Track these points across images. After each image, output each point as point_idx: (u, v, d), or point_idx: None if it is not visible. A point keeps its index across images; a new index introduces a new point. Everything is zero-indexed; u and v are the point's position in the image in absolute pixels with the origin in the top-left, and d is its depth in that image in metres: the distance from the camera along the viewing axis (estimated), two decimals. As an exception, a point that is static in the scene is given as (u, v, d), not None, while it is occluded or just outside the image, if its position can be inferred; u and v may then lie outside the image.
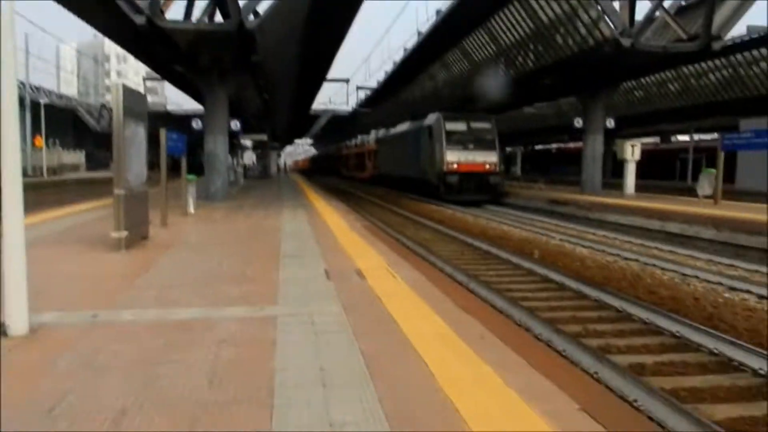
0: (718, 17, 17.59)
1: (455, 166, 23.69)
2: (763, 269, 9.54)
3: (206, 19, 14.71)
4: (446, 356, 3.64)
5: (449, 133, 24.18)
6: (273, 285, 5.62)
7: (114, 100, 7.37)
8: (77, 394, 2.99)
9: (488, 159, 24.18)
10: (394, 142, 34.39)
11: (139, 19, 13.35)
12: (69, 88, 78.24)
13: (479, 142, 24.39)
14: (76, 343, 3.81)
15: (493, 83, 27.64)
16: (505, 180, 25.14)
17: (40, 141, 40.44)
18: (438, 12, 26.48)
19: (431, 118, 25.82)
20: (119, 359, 3.51)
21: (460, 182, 23.45)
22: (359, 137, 51.89)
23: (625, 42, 17.52)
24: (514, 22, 23.81)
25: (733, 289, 8.14)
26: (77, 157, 52.57)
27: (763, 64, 26.23)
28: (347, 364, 3.48)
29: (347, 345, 3.84)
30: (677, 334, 5.96)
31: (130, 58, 53.91)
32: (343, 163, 60.57)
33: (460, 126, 24.65)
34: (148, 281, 5.76)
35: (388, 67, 39.70)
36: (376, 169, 40.38)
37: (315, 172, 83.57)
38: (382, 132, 40.45)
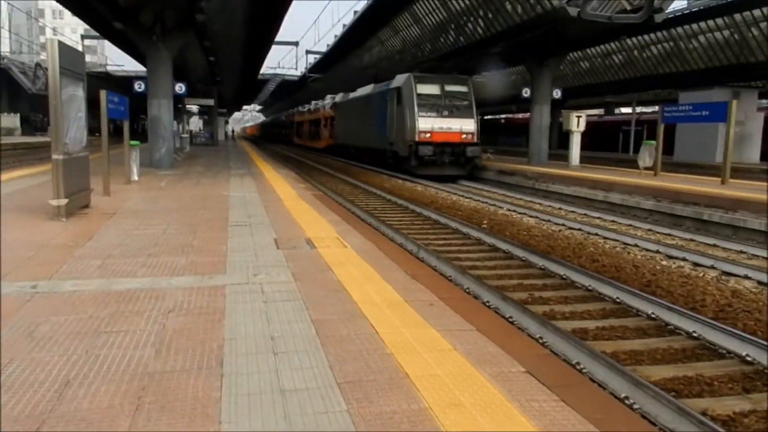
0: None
1: (428, 135, 20.49)
2: (698, 238, 10.00)
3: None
4: (396, 323, 3.68)
5: (421, 97, 20.91)
6: (221, 254, 5.54)
7: (50, 57, 6.98)
8: (18, 366, 2.89)
9: (466, 127, 20.97)
10: (354, 108, 29.72)
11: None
12: (1, 45, 73.75)
13: (455, 107, 21.33)
14: (15, 314, 3.67)
15: (445, 50, 27.62)
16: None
17: (-31, 103, 38.15)
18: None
19: (400, 80, 22.38)
20: (61, 330, 3.40)
21: (434, 154, 20.39)
22: (313, 103, 46.92)
23: (572, 11, 17.70)
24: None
25: (670, 257, 8.52)
26: (12, 120, 49.97)
27: (702, 38, 27.05)
28: (297, 332, 3.48)
29: (297, 313, 3.83)
30: (618, 300, 6.21)
31: (67, 13, 51.23)
32: (295, 130, 55.66)
33: (433, 89, 21.33)
34: (90, 251, 5.57)
35: (338, 30, 39.10)
36: (332, 138, 36.03)
37: (265, 139, 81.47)
38: (339, 96, 35.54)
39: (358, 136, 28.81)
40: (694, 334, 5.20)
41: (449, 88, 21.67)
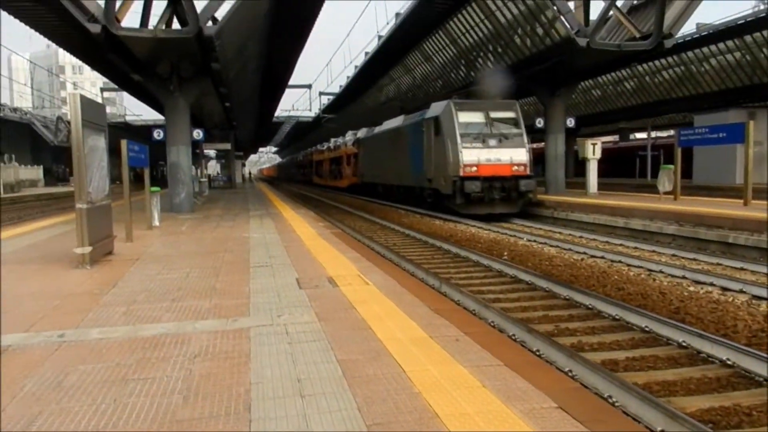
0: (669, 15, 18.09)
1: (474, 169, 17.85)
2: (725, 262, 9.82)
3: (163, 26, 14.49)
4: (422, 360, 3.64)
5: (464, 126, 18.43)
6: (244, 296, 5.55)
7: (72, 111, 7.18)
8: (47, 418, 2.89)
9: (516, 157, 18.23)
10: (382, 142, 27.29)
11: (94, 28, 13.06)
12: (23, 101, 76.13)
13: (503, 136, 18.55)
14: (44, 364, 3.69)
15: (456, 85, 27.93)
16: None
17: (-6, 157, 39.21)
18: (397, 15, 26.64)
19: (437, 108, 19.91)
20: (89, 379, 3.40)
21: (482, 190, 17.66)
22: (332, 140, 44.68)
23: (581, 41, 17.87)
24: (472, 23, 24.08)
25: (697, 282, 8.36)
26: (35, 172, 51.17)
27: (713, 61, 27.08)
28: (324, 374, 3.45)
29: (323, 354, 3.81)
30: (646, 329, 6.08)
31: (86, 68, 52.77)
32: (314, 170, 52.76)
33: (476, 116, 18.81)
34: (115, 297, 5.61)
35: (351, 71, 39.74)
36: (356, 176, 33.50)
37: (282, 180, 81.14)
38: (362, 132, 32.98)
39: (386, 174, 26.41)
40: (728, 362, 5.06)
41: (495, 114, 18.96)
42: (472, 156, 17.92)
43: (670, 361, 5.28)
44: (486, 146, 18.15)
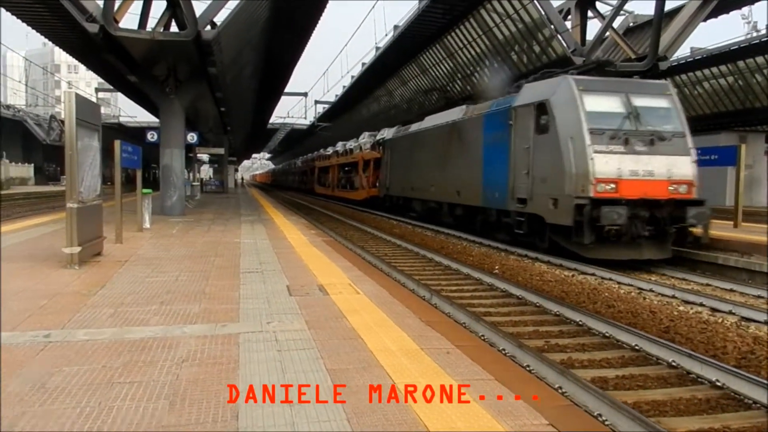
0: (665, 38, 18.28)
1: (613, 186, 11.17)
2: (714, 283, 9.85)
3: (161, 29, 14.47)
4: (413, 372, 3.60)
5: (595, 117, 11.57)
6: (234, 301, 5.50)
7: (66, 109, 7.13)
8: (29, 419, 2.83)
9: (678, 170, 11.68)
10: (424, 144, 20.40)
11: (92, 28, 13.01)
12: (17, 98, 75.67)
13: (656, 135, 11.66)
14: (28, 364, 3.62)
15: (453, 97, 28.05)
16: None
17: (-15, 153, 38.95)
18: (395, 27, 26.77)
19: (541, 89, 13.03)
20: (74, 381, 3.34)
21: (630, 220, 10.96)
22: (340, 143, 39.19)
23: (577, 60, 18.01)
24: (470, 38, 24.24)
25: (687, 302, 8.38)
26: (26, 170, 50.88)
27: (706, 84, 27.36)
28: (313, 383, 3.40)
29: (312, 363, 3.76)
30: (636, 348, 6.07)
31: (82, 68, 52.57)
32: (317, 178, 46.43)
33: (612, 102, 11.93)
34: (102, 299, 5.54)
35: (347, 81, 39.84)
36: (378, 188, 27.14)
37: (277, 187, 78.33)
38: (389, 131, 26.11)
39: (430, 187, 19.38)
40: (718, 383, 5.05)
41: (640, 100, 12.05)
42: (610, 165, 11.23)
43: (659, 381, 5.27)
44: (630, 150, 11.42)
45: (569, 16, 20.59)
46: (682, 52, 25.02)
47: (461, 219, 17.25)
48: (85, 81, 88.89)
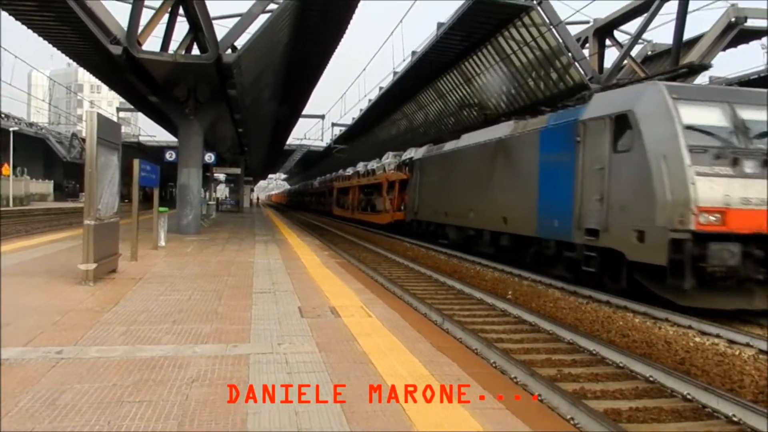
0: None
1: (717, 217, 9.05)
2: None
3: (183, 51, 14.76)
4: (423, 399, 3.57)
5: (694, 134, 9.59)
6: (246, 322, 5.50)
7: (88, 127, 7.28)
8: (38, 437, 2.84)
9: None
10: (463, 164, 18.09)
11: (116, 50, 13.31)
12: (40, 116, 77.29)
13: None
14: (40, 380, 3.65)
15: (468, 123, 28.11)
16: None
17: (7, 169, 39.67)
18: (413, 53, 27.02)
19: (622, 98, 11.01)
20: (84, 399, 3.35)
21: (742, 259, 8.93)
22: (361, 164, 37.88)
23: (595, 87, 18.03)
24: (487, 65, 24.38)
25: (703, 333, 8.24)
26: (46, 186, 51.69)
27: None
28: (323, 407, 3.38)
29: (322, 386, 3.74)
30: (651, 379, 5.97)
31: (104, 88, 53.65)
32: (336, 199, 44.07)
33: (714, 114, 9.90)
34: (115, 316, 5.58)
35: (364, 104, 40.18)
36: (405, 211, 25.14)
37: (293, 208, 77.91)
38: (417, 151, 24.38)
39: (469, 212, 17.01)
40: (734, 418, 4.94)
41: (749, 113, 9.97)
42: (716, 191, 9.10)
43: (674, 414, 5.17)
44: (740, 173, 9.29)
45: (587, 44, 20.69)
46: (702, 80, 24.95)
47: (507, 250, 14.90)
48: (107, 101, 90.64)
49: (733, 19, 18.22)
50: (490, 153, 15.99)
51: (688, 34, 17.56)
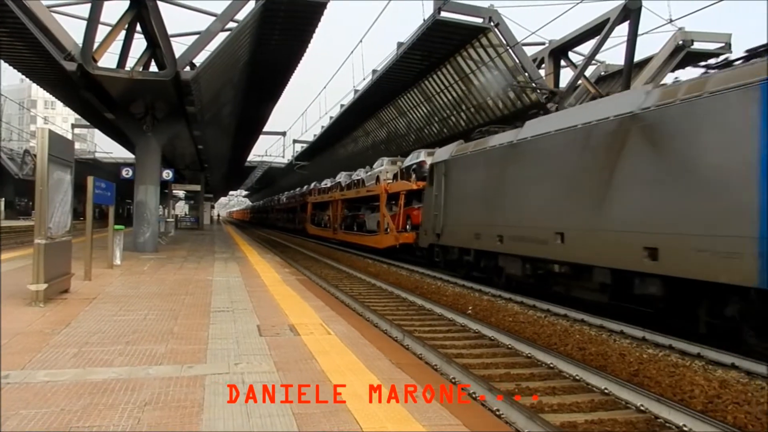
0: (635, 86, 18.90)
1: None
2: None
3: (141, 68, 14.55)
4: (380, 417, 3.57)
5: None
6: (202, 342, 5.41)
7: (39, 145, 7.10)
8: (-21, 466, 2.73)
9: None
10: (562, 156, 11.33)
11: (70, 66, 13.04)
12: (-10, 132, 74.74)
13: None
14: (-18, 407, 3.51)
15: (429, 140, 28.38)
16: None
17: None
18: (374, 71, 27.24)
19: None
20: (30, 426, 3.24)
21: None
22: (343, 174, 33.19)
23: (551, 107, 18.48)
24: (446, 84, 24.73)
25: (656, 344, 8.45)
26: (-5, 204, 49.91)
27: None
28: (279, 428, 3.35)
29: (279, 407, 3.71)
30: (606, 391, 6.09)
31: (59, 103, 52.29)
32: (311, 216, 39.03)
33: None
34: (66, 338, 5.42)
35: (325, 121, 40.21)
36: (423, 233, 18.21)
37: (256, 225, 75.47)
38: (447, 149, 17.29)
39: (559, 237, 11.11)
40: (685, 428, 5.08)
41: None
42: None
43: (628, 425, 5.28)
44: None
45: (543, 65, 21.23)
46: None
47: (649, 301, 9.28)
48: (62, 116, 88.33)
49: (680, 42, 19.00)
50: (609, 139, 9.97)
51: (639, 55, 18.20)
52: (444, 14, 19.03)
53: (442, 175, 16.60)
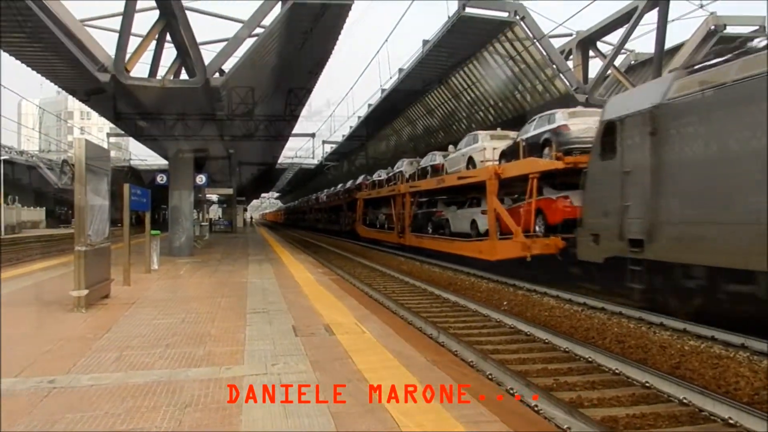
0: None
1: None
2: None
3: (171, 76, 14.80)
4: (416, 414, 3.57)
5: None
6: (239, 343, 5.48)
7: (77, 154, 7.28)
8: (30, 468, 2.82)
9: None
10: None
11: (104, 77, 13.34)
12: (30, 144, 77.12)
13: None
14: (32, 411, 3.62)
15: (458, 137, 28.18)
16: None
17: (-2, 198, 39.44)
18: (400, 70, 27.20)
19: None
20: (77, 428, 3.33)
21: None
22: (405, 160, 26.50)
23: (580, 97, 18.20)
24: (474, 79, 24.56)
25: (698, 336, 8.24)
26: (37, 213, 51.44)
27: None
28: (317, 427, 3.37)
29: (317, 406, 3.73)
30: (647, 384, 5.97)
31: (94, 114, 53.68)
32: (365, 215, 32.38)
33: None
34: (108, 343, 5.55)
35: (353, 122, 40.28)
36: (585, 235, 11.10)
37: (290, 227, 73.56)
38: (662, 83, 9.91)
39: None
40: (731, 421, 4.95)
41: None
42: None
43: (671, 419, 5.17)
44: None
45: (571, 56, 20.92)
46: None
47: None
48: (98, 126, 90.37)
49: (712, 27, 18.49)
50: None
51: (669, 43, 17.78)
52: (468, 10, 18.89)
53: (647, 136, 9.51)
